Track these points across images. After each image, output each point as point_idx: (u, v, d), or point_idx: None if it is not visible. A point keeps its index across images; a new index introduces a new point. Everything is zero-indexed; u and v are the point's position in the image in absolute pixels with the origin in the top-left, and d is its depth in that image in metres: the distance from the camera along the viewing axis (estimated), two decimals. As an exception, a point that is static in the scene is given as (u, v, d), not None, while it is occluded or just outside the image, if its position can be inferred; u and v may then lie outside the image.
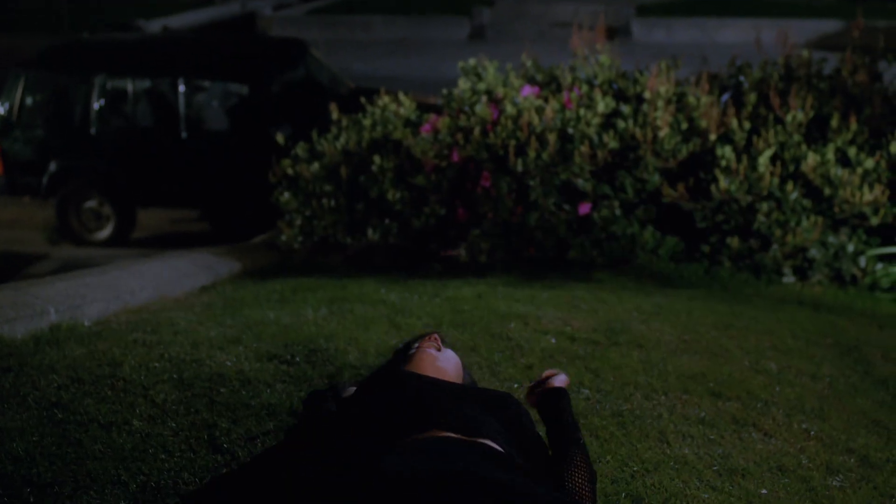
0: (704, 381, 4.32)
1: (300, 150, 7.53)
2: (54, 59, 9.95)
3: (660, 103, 6.93)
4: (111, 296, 5.52)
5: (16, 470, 3.17)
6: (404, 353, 3.12)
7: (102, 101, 9.27)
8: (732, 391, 4.22)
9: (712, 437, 3.75)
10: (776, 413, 4.05)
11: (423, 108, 7.82)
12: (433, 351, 3.04)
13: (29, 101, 9.51)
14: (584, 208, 6.84)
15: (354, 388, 2.96)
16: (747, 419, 3.95)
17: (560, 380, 3.00)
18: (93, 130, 9.27)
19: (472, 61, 7.71)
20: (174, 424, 3.55)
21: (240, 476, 2.93)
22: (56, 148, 9.44)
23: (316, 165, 7.37)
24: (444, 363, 3.01)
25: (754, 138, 6.79)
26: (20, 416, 3.59)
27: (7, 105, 9.43)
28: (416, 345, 3.13)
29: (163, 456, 3.30)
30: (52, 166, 9.39)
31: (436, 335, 3.15)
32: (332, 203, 7.26)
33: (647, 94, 7.04)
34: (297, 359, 4.25)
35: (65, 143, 9.44)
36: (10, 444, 3.34)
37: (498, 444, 2.56)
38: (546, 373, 3.08)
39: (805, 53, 7.52)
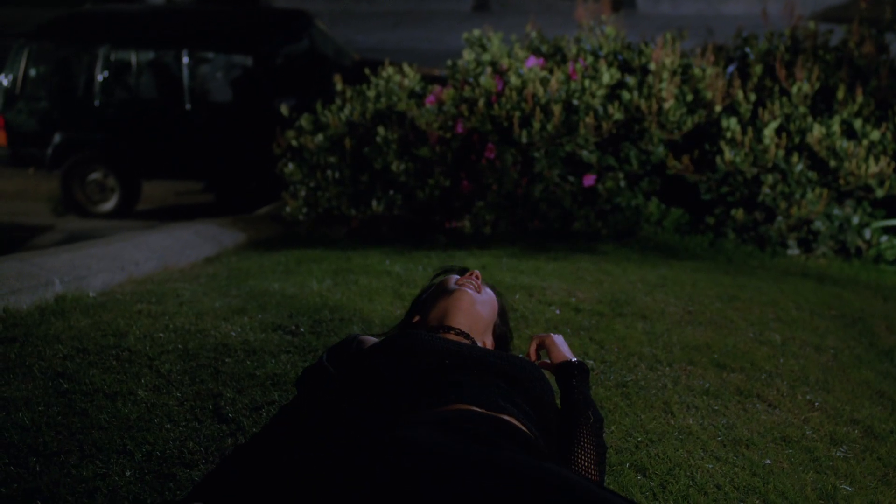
0: (709, 353, 4.32)
1: (304, 121, 7.51)
2: (58, 30, 9.92)
3: (665, 75, 6.89)
4: (116, 267, 5.53)
5: (22, 439, 3.19)
6: (441, 286, 3.03)
7: (106, 73, 9.25)
8: (737, 362, 4.23)
9: (716, 407, 3.75)
10: (780, 384, 4.05)
11: (428, 79, 7.81)
12: (472, 292, 2.96)
13: (33, 72, 9.50)
14: (589, 180, 6.82)
15: (375, 340, 2.87)
16: (751, 390, 3.95)
17: (558, 349, 2.91)
18: (97, 102, 9.25)
19: (476, 32, 7.67)
20: (179, 394, 3.56)
21: (246, 459, 2.72)
22: (60, 120, 9.43)
23: (320, 137, 7.35)
24: (480, 307, 2.93)
25: (760, 110, 6.77)
26: (26, 386, 3.60)
27: (11, 77, 9.42)
28: (457, 281, 3.04)
29: (168, 425, 3.31)
30: (57, 138, 9.38)
31: (477, 273, 3.06)
32: (337, 175, 7.26)
33: (652, 66, 7.01)
34: (302, 329, 4.25)
35: (69, 114, 9.42)
36: (17, 413, 3.36)
37: (521, 422, 2.48)
38: (534, 342, 2.99)
39: (811, 25, 7.48)
